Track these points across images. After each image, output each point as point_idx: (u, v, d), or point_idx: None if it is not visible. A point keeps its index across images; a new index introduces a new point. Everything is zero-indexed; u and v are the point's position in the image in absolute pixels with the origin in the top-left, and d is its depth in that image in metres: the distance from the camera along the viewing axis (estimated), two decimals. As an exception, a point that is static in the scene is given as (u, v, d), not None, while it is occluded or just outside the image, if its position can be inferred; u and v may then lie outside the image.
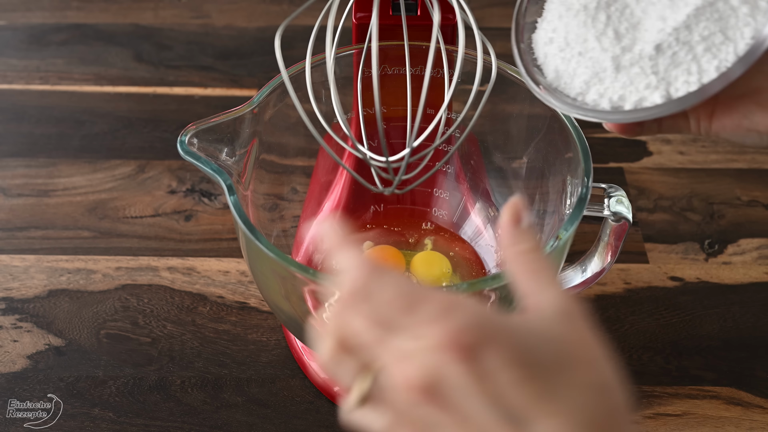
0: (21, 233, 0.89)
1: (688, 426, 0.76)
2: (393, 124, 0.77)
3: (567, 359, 0.44)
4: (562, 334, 0.45)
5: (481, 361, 0.42)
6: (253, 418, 0.76)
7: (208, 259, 0.87)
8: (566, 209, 0.69)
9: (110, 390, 0.77)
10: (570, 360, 0.44)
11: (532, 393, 0.43)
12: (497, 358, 0.43)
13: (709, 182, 0.96)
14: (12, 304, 0.83)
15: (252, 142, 0.70)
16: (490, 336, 0.43)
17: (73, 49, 1.09)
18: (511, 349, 0.43)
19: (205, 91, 1.05)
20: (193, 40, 1.11)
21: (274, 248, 0.62)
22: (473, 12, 0.65)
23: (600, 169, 0.95)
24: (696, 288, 0.86)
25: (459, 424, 0.43)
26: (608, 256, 0.71)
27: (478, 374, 0.42)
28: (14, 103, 1.03)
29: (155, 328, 0.82)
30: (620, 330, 0.83)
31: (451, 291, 0.58)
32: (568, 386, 0.43)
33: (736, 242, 0.90)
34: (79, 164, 0.96)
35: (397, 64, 0.75)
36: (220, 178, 0.65)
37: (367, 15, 0.74)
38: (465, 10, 0.64)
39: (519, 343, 0.43)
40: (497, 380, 0.42)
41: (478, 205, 0.83)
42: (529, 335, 0.44)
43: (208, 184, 0.94)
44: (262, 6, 1.16)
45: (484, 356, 0.43)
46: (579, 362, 0.45)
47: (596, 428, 0.43)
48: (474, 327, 0.43)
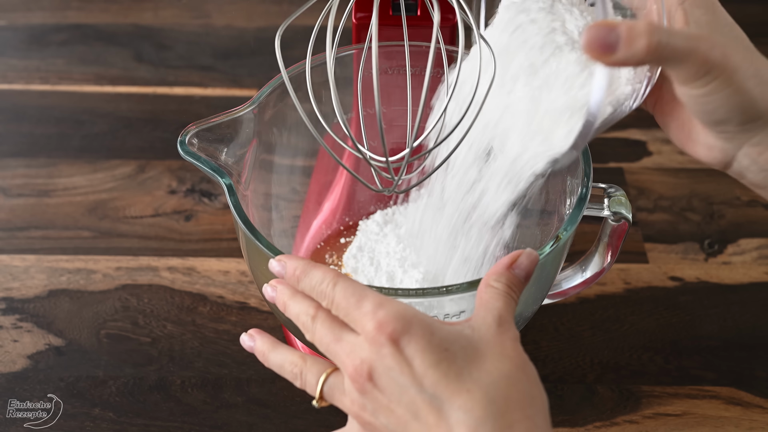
0: (21, 233, 0.89)
1: (688, 426, 0.76)
2: (393, 124, 0.77)
3: (478, 350, 0.51)
4: (480, 334, 0.52)
5: (403, 348, 0.50)
6: (253, 418, 0.76)
7: (208, 259, 0.87)
8: (566, 209, 0.69)
9: (110, 390, 0.77)
10: (481, 351, 0.51)
11: (442, 374, 0.50)
12: (415, 344, 0.50)
13: (709, 182, 0.96)
14: (12, 304, 0.83)
15: (252, 142, 0.70)
16: (408, 325, 0.50)
17: (74, 49, 1.09)
18: (426, 337, 0.50)
19: (205, 91, 1.05)
20: (193, 40, 1.11)
21: (274, 248, 0.62)
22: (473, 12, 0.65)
23: (600, 169, 0.95)
24: (696, 288, 0.86)
25: (394, 404, 0.51)
26: (608, 256, 0.71)
27: (401, 359, 0.50)
28: (14, 103, 1.03)
29: (155, 328, 0.82)
30: (620, 330, 0.83)
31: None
32: (477, 370, 0.50)
33: (735, 242, 0.90)
34: (79, 164, 0.96)
35: (397, 64, 0.75)
36: (220, 178, 0.65)
37: (367, 15, 0.74)
38: (465, 10, 0.64)
39: (433, 333, 0.51)
40: (415, 364, 0.50)
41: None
42: (444, 327, 0.51)
43: (208, 184, 0.94)
44: (262, 6, 1.16)
45: (405, 343, 0.50)
46: (490, 354, 0.51)
47: (499, 409, 0.49)
48: (396, 318, 0.51)
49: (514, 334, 0.53)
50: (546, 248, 0.63)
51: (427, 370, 0.50)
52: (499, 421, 0.49)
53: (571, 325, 0.83)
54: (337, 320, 0.54)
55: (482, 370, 0.50)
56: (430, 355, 0.50)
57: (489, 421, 0.49)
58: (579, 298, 0.84)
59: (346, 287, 0.53)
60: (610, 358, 0.80)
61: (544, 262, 0.63)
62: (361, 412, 0.53)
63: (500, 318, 0.53)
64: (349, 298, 0.53)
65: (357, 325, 0.52)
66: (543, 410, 0.51)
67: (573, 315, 0.83)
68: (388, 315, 0.51)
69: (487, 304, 0.54)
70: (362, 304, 0.52)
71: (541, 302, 0.71)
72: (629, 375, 0.79)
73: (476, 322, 0.53)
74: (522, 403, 0.50)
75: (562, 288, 0.74)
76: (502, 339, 0.52)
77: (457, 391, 0.49)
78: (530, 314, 0.71)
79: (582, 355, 0.81)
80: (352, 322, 0.53)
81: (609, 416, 0.76)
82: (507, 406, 0.49)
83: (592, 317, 0.83)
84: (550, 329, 0.82)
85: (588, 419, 0.76)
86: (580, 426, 0.76)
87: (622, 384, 0.79)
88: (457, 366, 0.50)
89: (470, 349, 0.51)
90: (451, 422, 0.49)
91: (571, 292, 0.74)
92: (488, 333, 0.52)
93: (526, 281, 0.56)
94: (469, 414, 0.49)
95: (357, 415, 0.53)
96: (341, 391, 0.54)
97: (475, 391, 0.49)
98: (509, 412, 0.49)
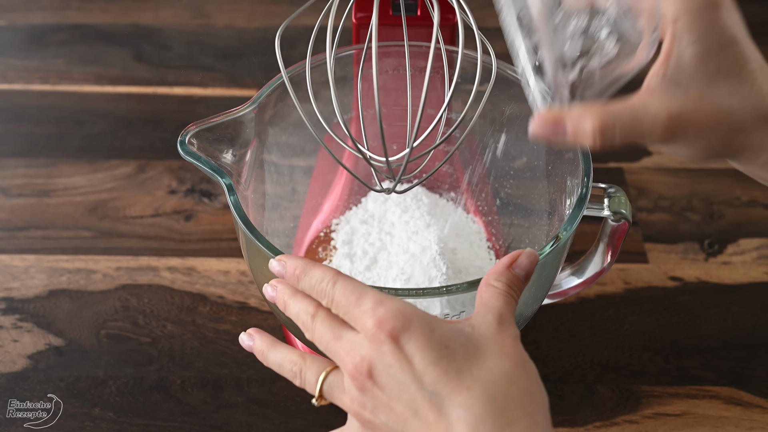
0: (21, 233, 0.89)
1: (688, 426, 0.76)
2: (393, 124, 0.77)
3: (478, 348, 0.51)
4: (480, 332, 0.52)
5: (403, 345, 0.50)
6: (253, 418, 0.76)
7: (208, 259, 0.87)
8: (566, 209, 0.69)
9: (110, 390, 0.77)
10: (481, 349, 0.51)
11: (442, 371, 0.49)
12: (415, 341, 0.50)
13: (709, 182, 0.96)
14: (12, 304, 0.83)
15: (252, 142, 0.70)
16: (408, 322, 0.51)
17: (74, 49, 1.09)
18: (426, 334, 0.50)
19: (205, 91, 1.05)
20: (193, 40, 1.11)
21: (275, 248, 0.62)
22: (473, 12, 0.65)
23: (600, 169, 0.95)
24: (696, 288, 0.86)
25: (394, 402, 0.51)
26: (608, 256, 0.71)
27: (401, 356, 0.50)
28: (14, 103, 1.03)
29: (155, 328, 0.82)
30: (620, 330, 0.83)
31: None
32: (477, 368, 0.50)
33: (735, 242, 0.90)
34: (79, 164, 0.96)
35: (397, 64, 0.75)
36: (220, 178, 0.65)
37: (367, 15, 0.74)
38: (465, 10, 0.64)
39: (433, 330, 0.51)
40: (415, 361, 0.50)
41: (478, 205, 0.83)
42: (444, 325, 0.51)
43: (208, 184, 0.94)
44: (262, 6, 1.16)
45: (405, 340, 0.50)
46: (491, 352, 0.51)
47: (499, 406, 0.49)
48: (396, 315, 0.51)
49: (514, 332, 0.53)
50: (546, 248, 0.63)
51: (427, 368, 0.50)
52: (499, 418, 0.49)
53: (571, 325, 0.83)
54: (336, 318, 0.54)
55: (482, 368, 0.50)
56: (430, 352, 0.50)
57: (489, 418, 0.49)
58: (579, 298, 0.85)
59: (345, 285, 0.53)
60: (610, 358, 0.80)
61: (544, 262, 0.63)
62: (360, 410, 0.53)
63: (500, 316, 0.53)
64: (348, 296, 0.53)
65: (357, 322, 0.52)
66: (543, 408, 0.51)
67: (573, 315, 0.83)
68: (388, 312, 0.51)
69: (487, 303, 0.54)
70: (362, 302, 0.52)
71: (541, 302, 0.71)
72: (629, 375, 0.79)
73: (476, 320, 0.53)
74: (522, 400, 0.50)
75: (562, 288, 0.74)
76: (503, 337, 0.52)
77: (457, 388, 0.49)
78: (530, 314, 0.71)
79: (582, 355, 0.81)
80: (352, 320, 0.53)
81: (609, 416, 0.76)
82: (507, 403, 0.49)
83: (592, 317, 0.83)
84: (550, 329, 0.82)
85: (588, 419, 0.76)
86: (580, 426, 0.76)
87: (622, 384, 0.79)
88: (457, 363, 0.50)
89: (470, 347, 0.51)
90: (451, 419, 0.49)
91: (571, 292, 0.74)
92: (488, 331, 0.52)
93: (527, 281, 0.56)
94: (469, 411, 0.49)
95: (356, 413, 0.53)
96: (341, 389, 0.54)
97: (476, 388, 0.49)
98: (509, 410, 0.49)
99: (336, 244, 0.79)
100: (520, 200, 0.80)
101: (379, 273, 0.76)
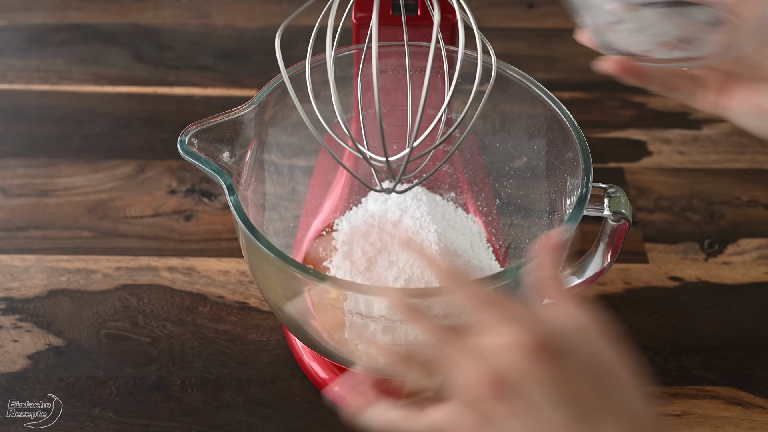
0: (21, 233, 0.89)
1: (688, 426, 0.76)
2: (393, 124, 0.77)
3: (610, 368, 0.50)
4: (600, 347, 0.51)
5: (562, 365, 0.48)
6: (253, 418, 0.76)
7: (208, 259, 0.87)
8: (566, 209, 0.69)
9: (110, 390, 0.77)
10: (611, 369, 0.50)
11: (600, 395, 0.48)
12: (576, 364, 0.48)
13: (709, 182, 0.96)
14: (12, 304, 0.83)
15: (252, 142, 0.70)
16: (569, 344, 0.49)
17: (73, 49, 1.09)
18: (585, 357, 0.49)
19: (205, 91, 1.05)
20: (193, 40, 1.11)
21: (275, 248, 0.62)
22: (473, 12, 0.65)
23: (600, 169, 0.95)
24: (696, 288, 0.86)
25: (523, 418, 0.47)
26: (608, 256, 0.71)
27: (559, 376, 0.48)
28: (14, 103, 1.03)
29: (155, 328, 0.82)
30: (620, 330, 0.82)
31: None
32: (619, 391, 0.49)
33: (735, 242, 0.90)
34: (79, 164, 0.96)
35: (397, 64, 0.75)
36: (220, 178, 0.65)
37: (367, 15, 0.74)
38: (465, 10, 0.64)
39: (588, 352, 0.50)
40: (575, 382, 0.48)
41: (478, 205, 0.83)
42: (590, 346, 0.50)
43: (208, 184, 0.94)
44: (262, 6, 1.16)
45: (565, 360, 0.48)
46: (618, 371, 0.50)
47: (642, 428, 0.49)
48: (559, 334, 0.49)
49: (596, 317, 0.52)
50: (546, 248, 0.63)
51: (588, 390, 0.48)
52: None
53: (571, 325, 0.83)
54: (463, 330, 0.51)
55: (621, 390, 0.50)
56: (591, 375, 0.49)
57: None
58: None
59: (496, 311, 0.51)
60: (610, 358, 0.80)
61: (544, 262, 0.63)
62: (464, 423, 0.49)
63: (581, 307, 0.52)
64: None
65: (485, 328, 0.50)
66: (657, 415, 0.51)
67: (573, 315, 0.83)
68: (546, 327, 0.49)
69: (560, 291, 0.53)
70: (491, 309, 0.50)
71: (540, 302, 0.71)
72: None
73: (576, 317, 0.52)
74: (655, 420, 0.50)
75: (562, 288, 0.74)
76: (605, 341, 0.51)
77: (611, 412, 0.48)
78: (530, 314, 0.71)
79: (582, 355, 0.81)
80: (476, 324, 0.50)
81: (609, 416, 0.76)
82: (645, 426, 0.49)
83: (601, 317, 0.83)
84: (550, 329, 0.82)
85: (588, 419, 0.76)
86: (580, 426, 0.76)
87: (622, 384, 0.79)
88: (609, 387, 0.49)
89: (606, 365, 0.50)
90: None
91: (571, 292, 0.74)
92: (597, 336, 0.51)
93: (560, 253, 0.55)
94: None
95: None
96: (443, 394, 0.50)
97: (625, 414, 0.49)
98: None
99: (336, 244, 0.79)
100: (520, 200, 0.80)
101: (379, 273, 0.76)
